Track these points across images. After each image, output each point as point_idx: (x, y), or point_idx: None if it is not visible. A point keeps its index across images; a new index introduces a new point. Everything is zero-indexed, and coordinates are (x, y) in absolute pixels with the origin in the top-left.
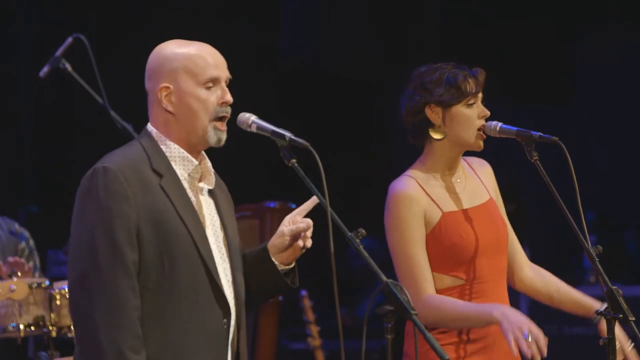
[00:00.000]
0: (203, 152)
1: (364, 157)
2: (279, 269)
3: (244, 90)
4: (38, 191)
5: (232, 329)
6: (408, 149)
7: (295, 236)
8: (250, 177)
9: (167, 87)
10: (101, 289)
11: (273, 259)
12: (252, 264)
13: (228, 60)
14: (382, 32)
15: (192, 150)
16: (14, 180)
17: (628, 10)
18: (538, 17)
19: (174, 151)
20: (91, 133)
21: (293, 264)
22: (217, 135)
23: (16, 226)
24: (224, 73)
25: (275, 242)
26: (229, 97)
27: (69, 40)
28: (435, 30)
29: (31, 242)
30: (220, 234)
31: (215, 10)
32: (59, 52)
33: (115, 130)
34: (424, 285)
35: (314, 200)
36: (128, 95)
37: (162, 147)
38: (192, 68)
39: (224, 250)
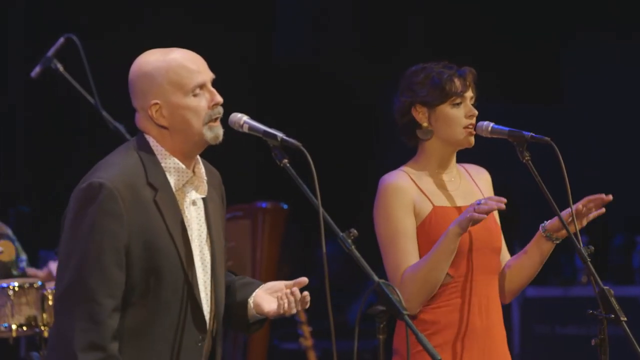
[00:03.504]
0: (198, 157)
1: (357, 157)
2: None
3: (239, 90)
4: (29, 191)
5: (206, 344)
6: (401, 148)
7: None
8: (242, 177)
9: (157, 104)
10: (82, 306)
11: (251, 308)
12: (231, 299)
13: (224, 60)
14: (375, 31)
15: (189, 157)
16: (5, 180)
17: (628, 10)
18: (538, 17)
19: (169, 163)
20: (83, 133)
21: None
22: (214, 132)
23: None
24: (207, 75)
25: (261, 298)
26: (218, 98)
27: (61, 40)
28: (431, 29)
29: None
30: (206, 246)
31: (209, 10)
32: (50, 52)
33: (107, 131)
34: None
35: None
36: (120, 96)
37: (159, 157)
38: (177, 80)
39: (207, 263)
